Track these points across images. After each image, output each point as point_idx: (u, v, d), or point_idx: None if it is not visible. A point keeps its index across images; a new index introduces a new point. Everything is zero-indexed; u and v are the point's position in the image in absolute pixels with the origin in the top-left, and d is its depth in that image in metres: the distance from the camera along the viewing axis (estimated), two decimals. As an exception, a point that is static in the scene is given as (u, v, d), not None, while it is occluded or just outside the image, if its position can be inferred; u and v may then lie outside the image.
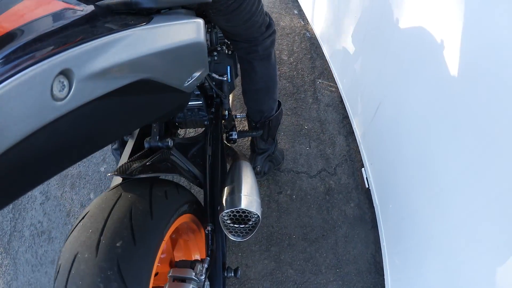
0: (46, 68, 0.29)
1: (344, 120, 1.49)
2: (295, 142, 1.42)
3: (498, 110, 0.54)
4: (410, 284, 0.87)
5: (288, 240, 1.16)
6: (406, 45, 0.88)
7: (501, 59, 0.53)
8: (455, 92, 0.66)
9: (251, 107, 1.02)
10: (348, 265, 1.10)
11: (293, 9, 2.10)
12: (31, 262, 1.16)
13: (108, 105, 0.39)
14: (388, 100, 1.03)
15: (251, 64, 0.89)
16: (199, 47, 0.55)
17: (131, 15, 0.44)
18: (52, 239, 1.20)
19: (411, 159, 0.88)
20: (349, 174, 1.32)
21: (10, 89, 0.27)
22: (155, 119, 0.64)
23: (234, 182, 0.69)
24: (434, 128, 0.75)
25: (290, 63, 1.75)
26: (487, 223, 0.57)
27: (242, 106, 1.55)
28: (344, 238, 1.16)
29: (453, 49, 0.66)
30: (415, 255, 0.85)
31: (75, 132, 0.36)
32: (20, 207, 1.29)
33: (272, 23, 0.87)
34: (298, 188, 1.28)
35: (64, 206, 1.27)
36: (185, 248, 0.78)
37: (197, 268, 0.61)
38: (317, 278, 1.08)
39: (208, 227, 0.68)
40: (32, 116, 0.29)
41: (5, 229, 1.25)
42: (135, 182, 0.58)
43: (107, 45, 0.36)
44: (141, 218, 0.50)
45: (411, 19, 0.85)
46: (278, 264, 1.11)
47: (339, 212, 1.22)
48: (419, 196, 0.83)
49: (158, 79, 0.46)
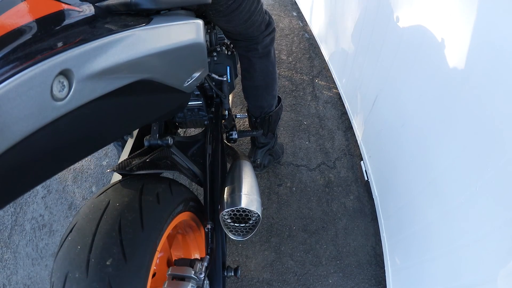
0: (46, 68, 0.29)
1: (342, 116, 1.51)
2: (295, 137, 1.43)
3: (491, 101, 0.55)
4: (410, 274, 0.87)
5: (288, 232, 1.16)
6: (400, 39, 0.91)
7: (493, 52, 0.55)
8: (448, 83, 0.68)
9: (251, 103, 1.04)
10: (348, 257, 1.10)
11: (292, 11, 2.15)
12: (31, 255, 1.16)
13: (108, 105, 0.39)
14: (384, 93, 1.05)
15: (250, 62, 0.91)
16: (199, 48, 0.55)
17: (130, 16, 0.44)
18: (53, 232, 1.20)
19: (407, 148, 0.90)
20: (348, 168, 1.33)
21: (10, 89, 0.26)
22: (155, 119, 0.64)
23: (234, 181, 0.69)
24: (428, 118, 0.77)
25: (289, 62, 1.78)
26: (484, 208, 0.58)
27: (242, 102, 1.57)
28: (344, 230, 1.17)
29: (445, 42, 0.68)
30: (414, 244, 0.86)
31: (75, 132, 0.36)
32: (21, 201, 1.30)
33: (272, 21, 0.88)
34: (298, 180, 1.29)
35: (66, 199, 1.27)
36: (184, 247, 0.78)
37: (196, 267, 0.60)
38: (318, 269, 1.08)
39: (208, 226, 0.68)
40: (32, 116, 0.29)
41: (6, 223, 1.25)
42: (125, 185, 0.56)
43: (107, 45, 0.36)
44: (131, 231, 0.48)
45: (404, 15, 0.88)
46: (278, 255, 1.11)
47: (338, 205, 1.22)
48: (416, 184, 0.84)
49: (158, 80, 0.46)
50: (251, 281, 1.06)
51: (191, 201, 0.67)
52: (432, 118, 0.75)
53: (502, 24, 0.52)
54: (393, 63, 0.96)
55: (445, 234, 0.70)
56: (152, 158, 0.67)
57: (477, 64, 0.59)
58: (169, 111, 0.60)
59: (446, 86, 0.69)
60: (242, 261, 1.10)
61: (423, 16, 0.78)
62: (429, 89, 0.76)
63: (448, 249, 0.69)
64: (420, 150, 0.82)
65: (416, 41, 0.81)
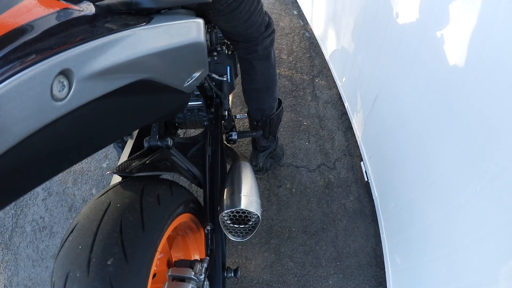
0: (46, 68, 0.29)
1: (342, 116, 1.51)
2: (294, 138, 1.43)
3: (491, 101, 0.55)
4: (411, 275, 0.86)
5: (288, 233, 1.16)
6: (400, 39, 0.90)
7: (494, 52, 0.54)
8: (449, 83, 0.67)
9: (251, 106, 1.03)
10: (348, 258, 1.10)
11: (292, 10, 2.14)
12: (32, 257, 1.17)
13: (108, 105, 0.39)
14: (384, 93, 1.04)
15: (251, 64, 0.90)
16: (199, 47, 0.54)
17: (131, 15, 0.44)
18: (54, 234, 1.20)
19: (407, 148, 0.89)
20: (348, 169, 1.32)
21: (10, 89, 0.26)
22: (155, 119, 0.64)
23: (234, 183, 0.69)
24: (428, 118, 0.76)
25: (289, 61, 1.78)
26: (484, 209, 0.57)
27: (242, 103, 1.57)
28: (344, 231, 1.16)
29: (446, 41, 0.68)
30: (415, 245, 0.85)
31: (75, 132, 0.36)
32: (22, 204, 1.30)
33: (272, 23, 0.88)
34: (298, 182, 1.28)
35: (66, 201, 1.28)
36: (184, 248, 0.78)
37: (196, 268, 0.60)
38: (318, 271, 1.08)
39: (208, 227, 0.68)
40: (32, 116, 0.29)
41: (6, 225, 1.26)
42: (126, 187, 0.56)
43: (107, 45, 0.35)
44: (132, 231, 0.48)
45: (404, 14, 0.87)
46: (278, 256, 1.11)
47: (338, 206, 1.22)
48: (417, 185, 0.84)
49: (158, 79, 0.46)
50: (251, 282, 1.06)
51: (191, 203, 0.67)
52: (432, 118, 0.74)
53: (502, 24, 0.51)
54: (393, 63, 0.95)
55: (446, 235, 0.70)
56: (151, 159, 0.66)
57: (477, 63, 0.58)
58: (169, 111, 0.60)
59: (446, 85, 0.68)
60: (242, 262, 1.10)
61: (423, 16, 0.77)
62: (429, 89, 0.76)
63: (448, 250, 0.68)
64: (420, 150, 0.81)
65: (416, 41, 0.81)
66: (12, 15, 0.33)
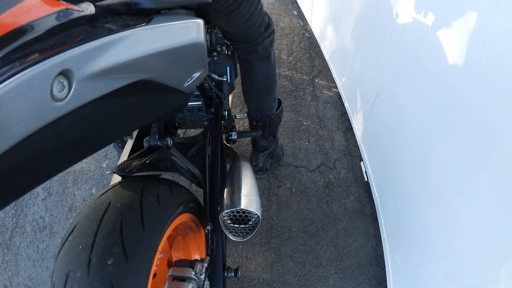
0: (46, 69, 0.29)
1: (342, 116, 1.51)
2: (294, 138, 1.43)
3: (491, 100, 0.55)
4: (411, 274, 0.87)
5: (288, 233, 1.16)
6: (400, 39, 0.90)
7: (494, 52, 0.54)
8: (449, 82, 0.67)
9: (251, 106, 1.03)
10: (349, 258, 1.10)
11: (292, 10, 2.14)
12: (32, 257, 1.17)
13: (108, 105, 0.39)
14: (384, 92, 1.04)
15: (251, 64, 0.90)
16: (199, 48, 0.54)
17: (131, 15, 0.44)
18: (54, 234, 1.21)
19: (407, 148, 0.89)
20: (348, 168, 1.32)
21: (10, 89, 0.26)
22: (155, 119, 0.64)
23: (234, 182, 0.69)
24: (428, 118, 0.76)
25: (289, 62, 1.78)
26: (484, 209, 0.57)
27: (242, 103, 1.57)
28: (344, 231, 1.16)
29: (446, 41, 0.68)
30: (415, 244, 0.85)
31: (75, 132, 0.36)
32: (22, 204, 1.30)
33: (271, 23, 0.88)
34: (298, 182, 1.28)
35: (66, 201, 1.28)
36: (184, 248, 0.78)
37: (196, 268, 0.61)
38: (318, 270, 1.08)
39: (208, 227, 0.68)
40: (32, 116, 0.29)
41: (7, 225, 1.26)
42: (126, 187, 0.56)
43: (107, 45, 0.35)
44: (132, 231, 0.48)
45: (404, 13, 0.87)
46: (278, 256, 1.11)
47: (339, 206, 1.22)
48: (417, 184, 0.84)
49: (157, 80, 0.46)
50: (251, 282, 1.06)
51: (191, 203, 0.67)
52: (432, 118, 0.74)
53: (502, 24, 0.51)
54: (393, 63, 0.95)
55: (446, 235, 0.70)
56: (151, 159, 0.67)
57: (477, 63, 0.58)
58: (169, 111, 0.60)
59: (446, 85, 0.68)
60: (242, 262, 1.10)
61: (423, 16, 0.77)
62: (429, 89, 0.76)
63: (448, 250, 0.69)
64: (420, 150, 0.82)
65: (416, 41, 0.81)
66: (12, 15, 0.33)
